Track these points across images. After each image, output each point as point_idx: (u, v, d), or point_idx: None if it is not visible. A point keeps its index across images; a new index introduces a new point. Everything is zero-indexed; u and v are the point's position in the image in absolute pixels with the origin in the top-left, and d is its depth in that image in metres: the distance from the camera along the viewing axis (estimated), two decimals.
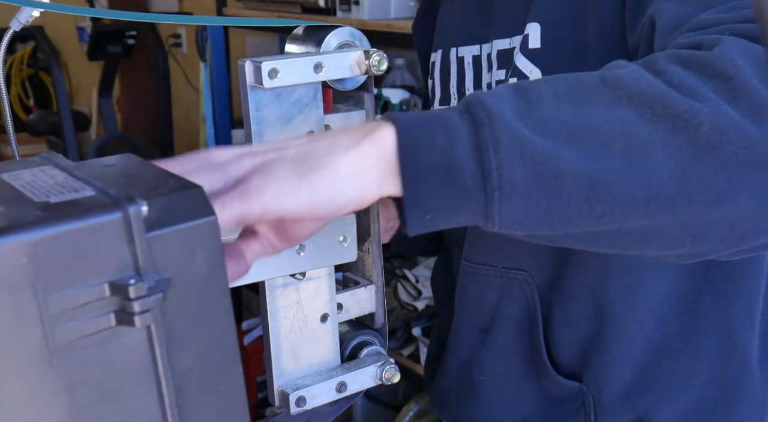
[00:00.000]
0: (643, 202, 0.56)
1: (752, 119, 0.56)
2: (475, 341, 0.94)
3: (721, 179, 0.56)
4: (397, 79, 2.54)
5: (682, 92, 0.57)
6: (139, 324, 0.45)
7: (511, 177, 0.55)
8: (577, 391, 0.88)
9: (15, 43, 4.73)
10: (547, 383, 0.90)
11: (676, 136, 0.56)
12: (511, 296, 0.90)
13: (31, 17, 0.78)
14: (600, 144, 0.56)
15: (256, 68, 0.67)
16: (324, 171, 0.56)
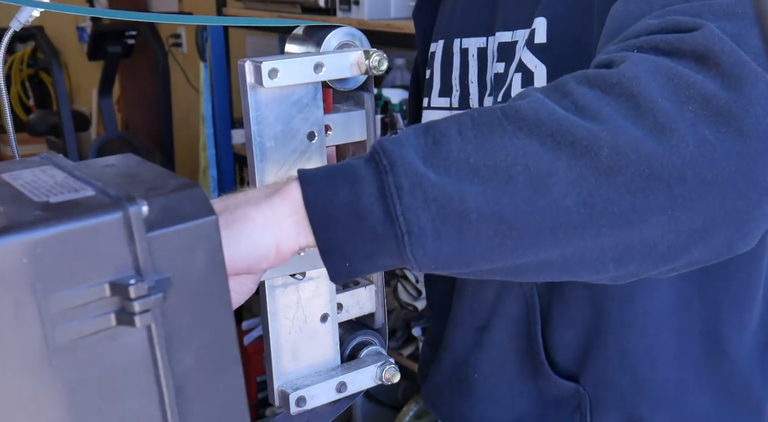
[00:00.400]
0: (550, 231, 0.57)
1: (654, 137, 0.57)
2: (471, 339, 0.94)
3: (625, 202, 0.57)
4: (397, 79, 2.54)
5: (585, 116, 0.57)
6: (140, 324, 0.45)
7: (418, 221, 0.56)
8: (573, 392, 0.88)
9: (15, 43, 4.73)
10: (543, 383, 0.90)
11: (578, 162, 0.56)
12: (510, 294, 0.89)
13: (31, 17, 0.78)
14: (502, 177, 0.56)
15: (256, 68, 0.67)
16: (241, 223, 0.57)
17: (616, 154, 0.56)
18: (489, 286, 0.91)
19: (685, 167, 0.57)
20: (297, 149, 0.72)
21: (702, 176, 0.57)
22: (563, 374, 0.89)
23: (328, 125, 0.74)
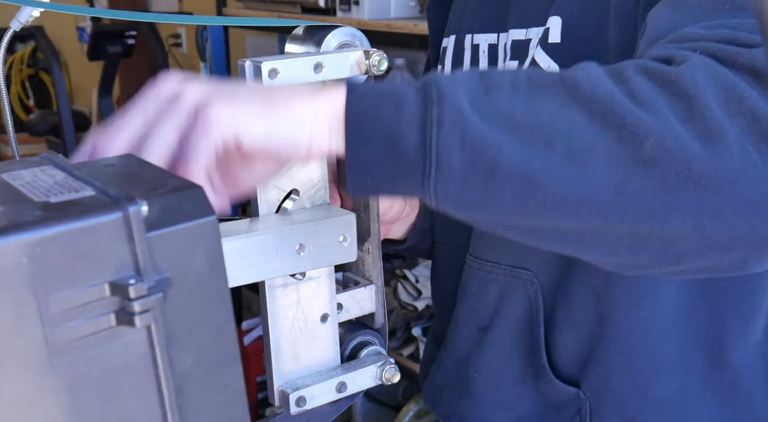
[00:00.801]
0: (575, 205, 0.57)
1: (700, 142, 0.56)
2: (473, 339, 0.94)
3: (657, 196, 0.57)
4: (397, 79, 2.54)
5: (638, 104, 0.58)
6: (139, 324, 0.45)
7: (449, 159, 0.56)
8: (574, 397, 0.88)
9: (15, 43, 4.73)
10: (544, 386, 0.89)
11: (621, 146, 0.56)
12: (514, 295, 0.89)
13: (31, 17, 0.78)
14: (543, 141, 0.56)
15: (256, 68, 0.67)
16: (283, 109, 0.57)
17: (660, 147, 0.56)
18: (493, 286, 0.90)
19: (725, 178, 0.56)
20: None
21: (739, 190, 0.57)
22: (564, 378, 0.89)
23: None
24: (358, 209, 0.79)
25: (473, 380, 0.94)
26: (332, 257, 0.72)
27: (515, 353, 0.91)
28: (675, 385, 0.85)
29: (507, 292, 0.90)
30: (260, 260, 0.68)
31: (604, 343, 0.85)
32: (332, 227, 0.71)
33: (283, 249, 0.69)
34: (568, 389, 0.88)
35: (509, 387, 0.92)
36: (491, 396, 0.93)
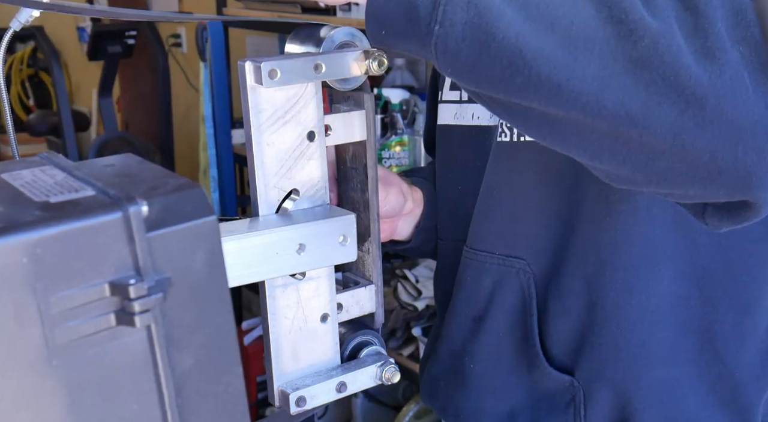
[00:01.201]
0: (557, 86, 0.58)
1: (696, 57, 0.57)
2: (468, 329, 0.94)
3: (638, 97, 0.57)
4: (397, 79, 2.54)
5: (648, 7, 0.58)
6: (139, 324, 0.45)
7: (452, 17, 0.58)
8: (568, 385, 0.88)
9: (15, 43, 4.73)
10: (539, 375, 0.90)
11: (617, 41, 0.57)
12: (507, 284, 0.90)
13: (31, 17, 0.78)
14: (544, 22, 0.58)
15: (256, 68, 0.67)
16: None
17: (653, 49, 0.57)
18: (487, 275, 0.91)
19: (710, 93, 0.57)
20: (297, 149, 0.72)
21: (723, 109, 0.57)
22: (558, 366, 0.89)
23: (328, 125, 0.74)
24: (358, 209, 0.79)
25: (469, 370, 0.94)
26: (332, 257, 0.72)
27: (509, 342, 0.91)
28: (667, 374, 0.86)
29: (500, 281, 0.90)
30: (260, 260, 0.68)
31: (596, 331, 0.86)
32: (332, 227, 0.71)
33: (283, 249, 0.69)
34: (562, 377, 0.88)
35: (504, 376, 0.92)
36: (486, 385, 0.93)
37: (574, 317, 0.87)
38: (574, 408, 0.88)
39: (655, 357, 0.85)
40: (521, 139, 0.87)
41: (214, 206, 2.93)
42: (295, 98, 0.70)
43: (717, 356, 0.86)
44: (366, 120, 0.76)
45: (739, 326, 0.86)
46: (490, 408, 0.94)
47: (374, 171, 0.78)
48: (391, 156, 2.22)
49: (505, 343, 0.91)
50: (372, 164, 0.78)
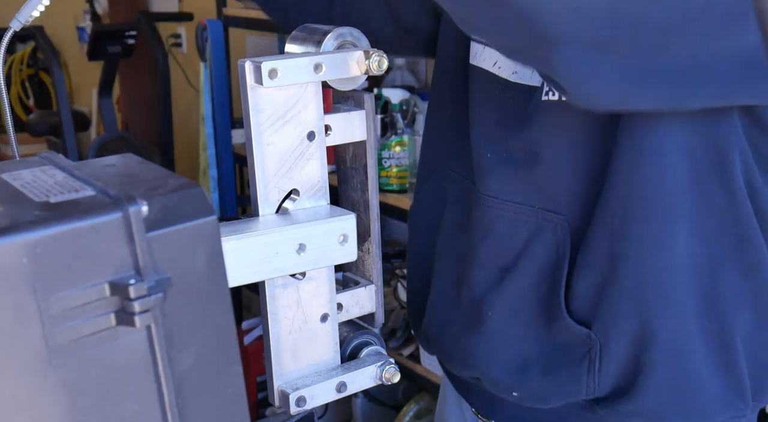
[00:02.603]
0: None
1: None
2: (493, 279, 0.94)
3: None
4: (397, 79, 2.54)
5: None
6: (139, 324, 0.45)
7: None
8: (585, 338, 0.89)
9: (15, 43, 4.73)
10: (557, 328, 0.90)
11: None
12: (543, 238, 0.90)
13: (31, 17, 0.78)
14: None
15: (256, 68, 0.67)
16: None
17: None
18: (523, 228, 0.91)
19: None
20: (297, 149, 0.72)
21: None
22: (577, 320, 0.90)
23: (328, 125, 0.74)
24: (358, 209, 0.79)
25: (486, 317, 0.94)
26: (332, 257, 0.72)
27: (533, 295, 0.92)
28: (679, 330, 0.87)
29: (536, 235, 0.91)
30: (260, 260, 0.68)
31: (617, 284, 0.87)
32: (332, 227, 0.71)
33: (283, 249, 0.69)
34: (580, 330, 0.89)
35: (522, 326, 0.93)
36: (502, 333, 0.94)
37: (597, 270, 0.88)
38: (589, 361, 0.89)
39: (671, 312, 0.87)
40: None
41: (214, 206, 2.93)
42: (295, 98, 0.70)
43: (720, 316, 0.88)
44: (366, 120, 0.76)
45: (739, 289, 0.88)
46: (503, 357, 0.94)
47: (374, 171, 0.78)
48: (391, 156, 2.22)
49: (529, 295, 0.92)
50: (372, 164, 0.78)
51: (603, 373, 0.89)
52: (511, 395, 0.94)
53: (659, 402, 0.88)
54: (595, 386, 0.89)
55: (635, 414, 0.89)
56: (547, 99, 0.88)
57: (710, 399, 0.89)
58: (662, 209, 0.84)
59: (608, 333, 0.88)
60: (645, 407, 0.88)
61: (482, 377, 0.96)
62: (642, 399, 0.88)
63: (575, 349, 0.90)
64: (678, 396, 0.89)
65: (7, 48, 0.75)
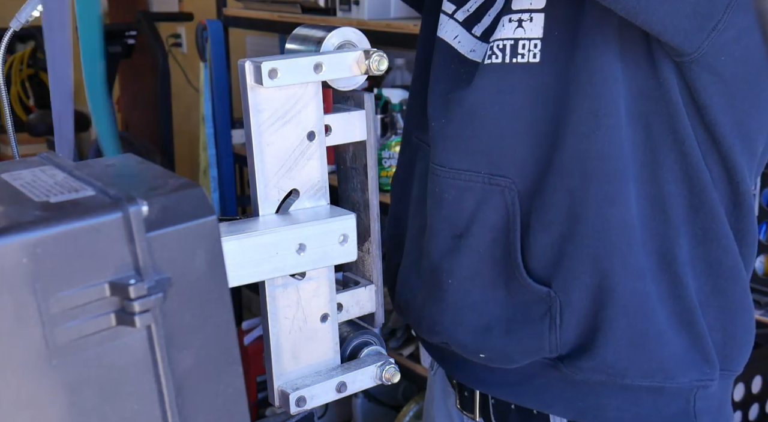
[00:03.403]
0: None
1: None
2: (447, 246, 0.95)
3: None
4: (397, 79, 2.54)
5: None
6: (140, 324, 0.45)
7: None
8: (545, 296, 0.90)
9: (15, 43, 4.73)
10: (516, 288, 0.92)
11: None
12: (491, 202, 0.91)
13: (31, 17, 0.78)
14: None
15: (256, 68, 0.67)
16: None
17: None
18: (469, 194, 0.92)
19: None
20: (297, 149, 0.72)
21: None
22: (536, 279, 0.91)
23: (328, 125, 0.74)
24: (358, 209, 0.79)
25: (446, 285, 0.96)
26: (332, 257, 0.72)
27: (489, 258, 0.93)
28: (638, 287, 0.89)
29: (484, 200, 0.92)
30: (260, 260, 0.68)
31: (577, 242, 0.88)
32: (332, 227, 0.71)
33: (283, 249, 0.69)
34: (540, 288, 0.91)
35: (481, 290, 0.94)
36: (463, 300, 0.95)
37: (555, 229, 0.89)
38: (550, 318, 0.91)
39: (631, 269, 0.88)
40: (513, 60, 0.88)
41: (214, 206, 2.93)
42: (295, 98, 0.70)
43: (677, 279, 0.90)
44: (366, 120, 0.76)
45: (694, 254, 0.90)
46: (467, 322, 0.95)
47: (374, 171, 0.78)
48: (391, 156, 2.22)
49: (485, 259, 0.93)
50: (372, 164, 0.78)
51: (564, 330, 0.90)
52: (478, 357, 0.96)
53: (619, 359, 0.90)
54: (557, 342, 0.91)
55: (596, 370, 0.91)
56: (490, 62, 0.89)
57: (671, 358, 0.91)
58: (618, 168, 0.86)
59: (568, 291, 0.89)
60: (605, 363, 0.90)
61: (449, 341, 0.98)
62: (602, 355, 0.89)
63: (535, 307, 0.91)
64: (637, 353, 0.90)
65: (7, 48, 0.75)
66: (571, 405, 0.96)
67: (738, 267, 0.92)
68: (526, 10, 0.88)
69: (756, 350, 1.63)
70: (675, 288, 0.90)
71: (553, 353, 0.92)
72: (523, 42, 0.88)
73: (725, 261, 0.91)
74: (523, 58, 0.87)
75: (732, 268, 0.92)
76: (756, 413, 1.71)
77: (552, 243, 0.89)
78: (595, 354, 0.90)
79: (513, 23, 0.88)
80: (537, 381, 0.97)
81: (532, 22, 0.88)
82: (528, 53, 0.88)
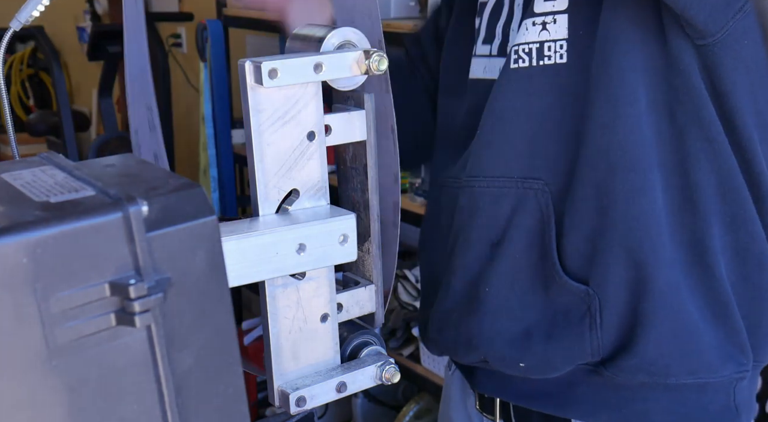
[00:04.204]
0: None
1: None
2: (485, 255, 0.95)
3: None
4: None
5: None
6: (140, 324, 0.45)
7: None
8: (583, 296, 0.90)
9: (15, 43, 4.73)
10: (555, 290, 0.91)
11: None
12: (526, 206, 0.92)
13: (31, 17, 0.78)
14: None
15: (256, 68, 0.67)
16: None
17: None
18: (505, 200, 0.92)
19: None
20: (297, 149, 0.72)
21: None
22: (574, 278, 0.91)
23: (328, 125, 0.74)
24: (358, 209, 0.79)
25: (483, 295, 0.95)
26: (332, 257, 0.72)
27: (526, 263, 0.93)
28: (671, 278, 0.88)
29: (519, 204, 0.92)
30: (260, 260, 0.68)
31: (608, 235, 0.88)
32: (332, 227, 0.71)
33: (283, 249, 0.69)
34: (578, 287, 0.90)
35: (519, 296, 0.94)
36: (501, 307, 0.94)
37: (587, 225, 0.89)
38: (590, 317, 0.90)
39: (663, 260, 0.88)
40: (540, 63, 0.88)
41: (214, 206, 2.93)
42: (295, 98, 0.70)
43: (709, 269, 0.89)
44: (366, 120, 0.76)
45: (723, 241, 0.89)
46: (505, 330, 0.94)
47: (374, 171, 0.78)
48: None
49: (522, 264, 0.93)
50: (372, 164, 0.78)
51: (605, 330, 0.90)
52: (518, 367, 0.94)
53: (661, 355, 0.89)
54: (599, 344, 0.90)
55: (640, 369, 0.90)
56: (516, 67, 0.89)
57: (711, 351, 0.90)
58: (641, 157, 0.86)
59: (605, 286, 0.89)
60: (647, 360, 0.89)
61: (488, 355, 0.96)
62: (644, 352, 0.89)
63: (575, 309, 0.91)
64: (679, 349, 0.89)
65: (7, 48, 0.75)
66: (616, 412, 0.95)
67: (765, 253, 0.91)
68: (549, 12, 0.88)
69: None
70: (708, 279, 0.89)
71: (595, 357, 0.91)
72: (549, 44, 0.88)
73: (753, 248, 0.91)
74: (550, 60, 0.88)
75: (759, 255, 0.91)
76: (756, 413, 1.71)
77: (585, 239, 0.89)
78: (636, 351, 0.89)
79: (537, 26, 0.89)
80: (578, 389, 0.95)
81: (556, 24, 0.88)
82: (555, 55, 0.88)
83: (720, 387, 0.92)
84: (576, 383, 0.95)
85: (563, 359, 0.92)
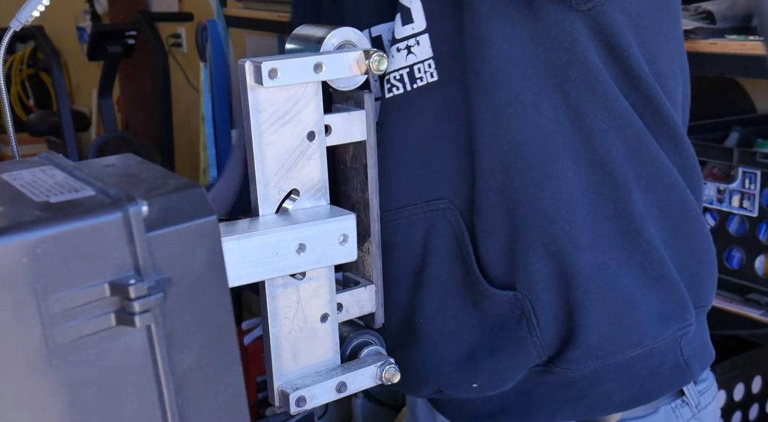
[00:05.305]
0: None
1: None
2: (411, 286, 0.94)
3: None
4: None
5: None
6: (139, 324, 0.45)
7: None
8: (513, 301, 0.90)
9: (15, 43, 4.74)
10: (486, 304, 0.91)
11: None
12: (438, 228, 0.91)
13: (31, 17, 0.78)
14: None
15: (256, 68, 0.67)
16: None
17: None
18: (416, 227, 0.92)
19: None
20: (297, 149, 0.72)
21: None
22: (500, 287, 0.90)
23: (328, 125, 0.74)
24: (358, 209, 0.79)
25: (418, 326, 0.94)
26: (332, 257, 0.72)
27: (452, 284, 0.92)
28: (595, 259, 0.88)
29: (431, 227, 0.91)
30: (260, 260, 0.68)
31: (521, 234, 0.88)
32: (332, 227, 0.71)
33: (283, 249, 0.69)
34: (506, 294, 0.90)
35: (453, 320, 0.93)
36: (438, 333, 0.94)
37: (500, 231, 0.89)
38: (526, 320, 0.90)
39: (582, 244, 0.88)
40: (413, 86, 0.88)
41: None
42: (295, 98, 0.70)
43: (639, 235, 0.89)
44: (366, 120, 0.76)
45: (645, 203, 0.89)
46: (448, 355, 0.94)
47: (374, 171, 0.78)
48: None
49: (449, 286, 0.92)
50: (372, 164, 0.78)
51: (543, 328, 0.89)
52: (472, 389, 0.94)
53: (603, 336, 0.89)
54: (541, 344, 0.90)
55: (588, 357, 0.90)
56: (392, 95, 0.89)
57: (651, 318, 0.90)
58: (538, 150, 0.85)
59: (532, 286, 0.89)
60: (592, 346, 0.89)
61: (439, 384, 0.95)
62: (586, 339, 0.89)
63: (509, 317, 0.91)
64: (618, 325, 0.89)
65: (7, 48, 0.75)
66: (577, 404, 0.95)
67: (686, 200, 0.92)
68: (410, 35, 0.88)
69: (756, 350, 1.63)
70: (639, 245, 0.89)
71: (541, 357, 0.91)
72: (418, 66, 0.88)
73: (673, 198, 0.91)
74: (422, 81, 0.88)
75: (681, 202, 0.92)
76: (756, 413, 1.71)
77: (501, 246, 0.89)
78: (579, 341, 0.89)
79: (403, 51, 0.88)
80: (535, 393, 0.95)
81: (420, 46, 0.88)
82: (425, 75, 0.88)
83: (666, 348, 0.93)
84: (532, 388, 0.95)
85: (512, 368, 0.92)
